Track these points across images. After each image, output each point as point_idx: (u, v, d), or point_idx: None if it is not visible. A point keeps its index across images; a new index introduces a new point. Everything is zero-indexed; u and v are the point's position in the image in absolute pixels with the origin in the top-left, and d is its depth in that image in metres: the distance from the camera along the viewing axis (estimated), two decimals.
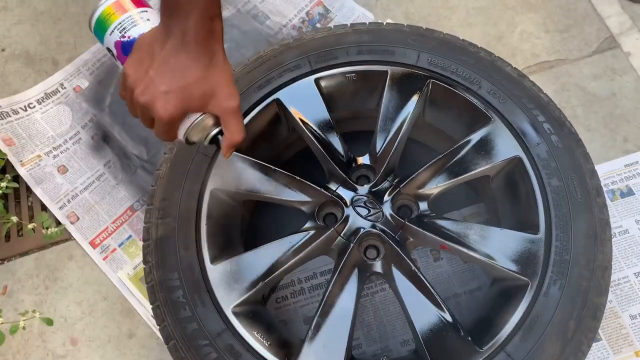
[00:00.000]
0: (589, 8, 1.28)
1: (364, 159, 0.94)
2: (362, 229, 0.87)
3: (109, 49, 0.80)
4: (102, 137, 1.25)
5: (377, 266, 0.86)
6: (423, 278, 0.82)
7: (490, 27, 1.28)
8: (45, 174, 1.20)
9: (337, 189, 0.91)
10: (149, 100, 0.66)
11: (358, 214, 0.87)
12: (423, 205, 0.90)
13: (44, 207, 1.19)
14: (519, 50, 1.25)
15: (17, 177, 1.20)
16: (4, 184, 1.09)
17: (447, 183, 0.88)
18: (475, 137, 0.90)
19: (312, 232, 0.87)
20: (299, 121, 0.94)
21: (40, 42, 1.38)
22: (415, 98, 0.93)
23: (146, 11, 0.78)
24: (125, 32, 0.76)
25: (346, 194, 0.90)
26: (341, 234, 0.87)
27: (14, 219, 1.10)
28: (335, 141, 0.93)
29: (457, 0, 1.32)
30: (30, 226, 1.11)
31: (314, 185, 0.88)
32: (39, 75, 1.33)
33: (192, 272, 0.84)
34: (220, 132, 0.73)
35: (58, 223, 1.16)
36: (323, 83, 0.96)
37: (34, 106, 1.27)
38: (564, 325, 0.76)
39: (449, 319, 0.80)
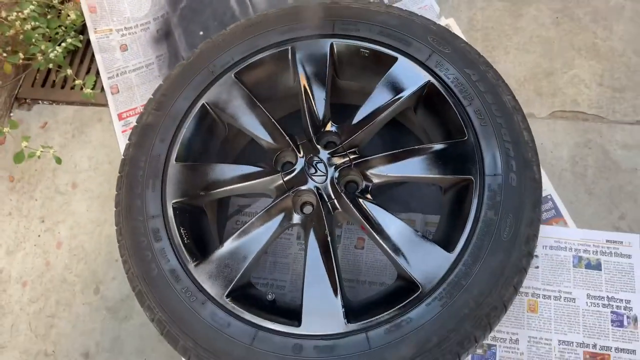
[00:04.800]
0: None
1: (332, 127, 0.99)
2: (303, 184, 0.94)
3: None
4: (165, 33, 1.41)
5: (298, 219, 0.94)
6: (331, 246, 0.88)
7: (546, 60, 1.24)
8: (109, 46, 1.39)
9: (301, 143, 0.98)
10: None
11: (305, 170, 0.95)
12: (367, 187, 0.95)
13: (98, 74, 1.38)
14: (562, 92, 1.20)
15: (88, 41, 1.40)
16: (69, 40, 1.29)
17: (396, 176, 0.93)
18: (440, 145, 0.92)
19: (262, 169, 0.97)
20: (302, 75, 1.02)
21: None
22: (408, 93, 0.97)
23: None
24: None
25: (306, 150, 0.97)
26: (284, 180, 0.95)
27: (69, 71, 1.31)
28: (320, 102, 1.00)
29: (527, 23, 1.29)
30: (77, 82, 1.31)
31: (281, 130, 0.97)
32: None
33: (157, 161, 0.98)
34: None
35: (101, 90, 1.36)
36: (336, 49, 1.02)
37: None
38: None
39: (338, 299, 0.86)
